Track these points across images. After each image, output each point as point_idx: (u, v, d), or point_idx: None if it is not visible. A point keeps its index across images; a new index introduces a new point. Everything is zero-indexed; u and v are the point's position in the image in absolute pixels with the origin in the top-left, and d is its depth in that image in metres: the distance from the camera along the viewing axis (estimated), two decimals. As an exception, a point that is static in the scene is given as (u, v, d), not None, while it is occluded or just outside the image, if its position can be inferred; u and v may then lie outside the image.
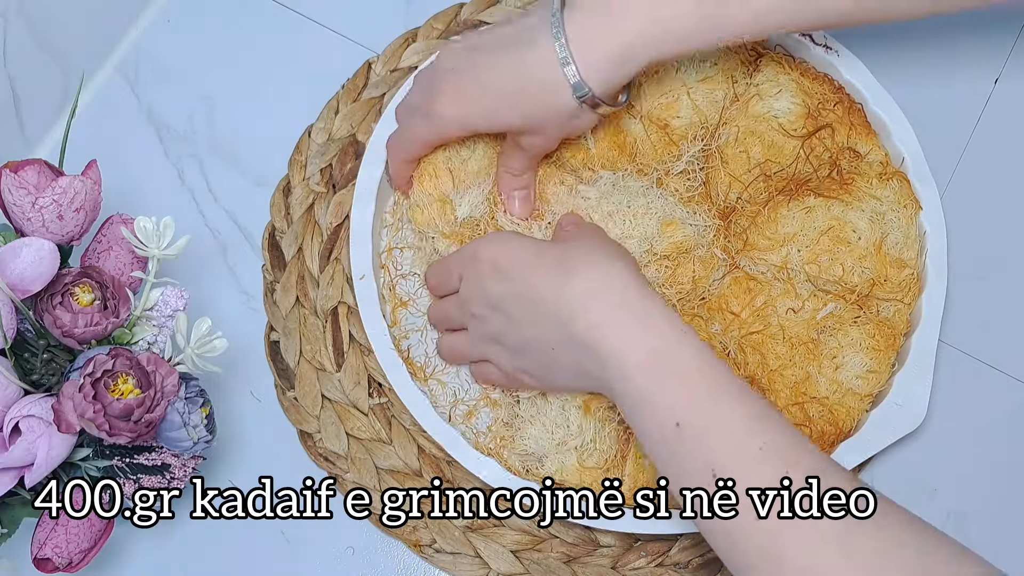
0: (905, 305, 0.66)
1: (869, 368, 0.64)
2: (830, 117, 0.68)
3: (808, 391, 0.64)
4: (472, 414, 0.67)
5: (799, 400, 0.64)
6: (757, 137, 0.67)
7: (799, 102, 0.68)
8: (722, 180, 0.67)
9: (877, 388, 0.65)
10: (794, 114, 0.68)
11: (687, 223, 0.66)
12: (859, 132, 0.68)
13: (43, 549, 0.57)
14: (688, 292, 0.66)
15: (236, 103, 0.75)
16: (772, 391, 0.64)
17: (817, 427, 0.64)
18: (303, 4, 0.76)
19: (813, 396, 0.64)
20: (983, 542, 0.67)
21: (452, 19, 0.76)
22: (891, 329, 0.65)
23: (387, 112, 0.69)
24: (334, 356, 0.70)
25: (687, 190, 0.68)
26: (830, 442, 0.64)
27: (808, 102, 0.68)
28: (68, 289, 0.55)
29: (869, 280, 0.66)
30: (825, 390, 0.64)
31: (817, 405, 0.64)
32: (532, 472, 0.64)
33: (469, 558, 0.67)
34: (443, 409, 0.67)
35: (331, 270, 0.71)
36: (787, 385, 0.64)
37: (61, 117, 0.74)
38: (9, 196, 0.55)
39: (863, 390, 0.65)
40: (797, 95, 0.68)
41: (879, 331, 0.65)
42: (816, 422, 0.64)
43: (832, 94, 0.69)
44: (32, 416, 0.54)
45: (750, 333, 0.65)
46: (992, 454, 0.68)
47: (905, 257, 0.66)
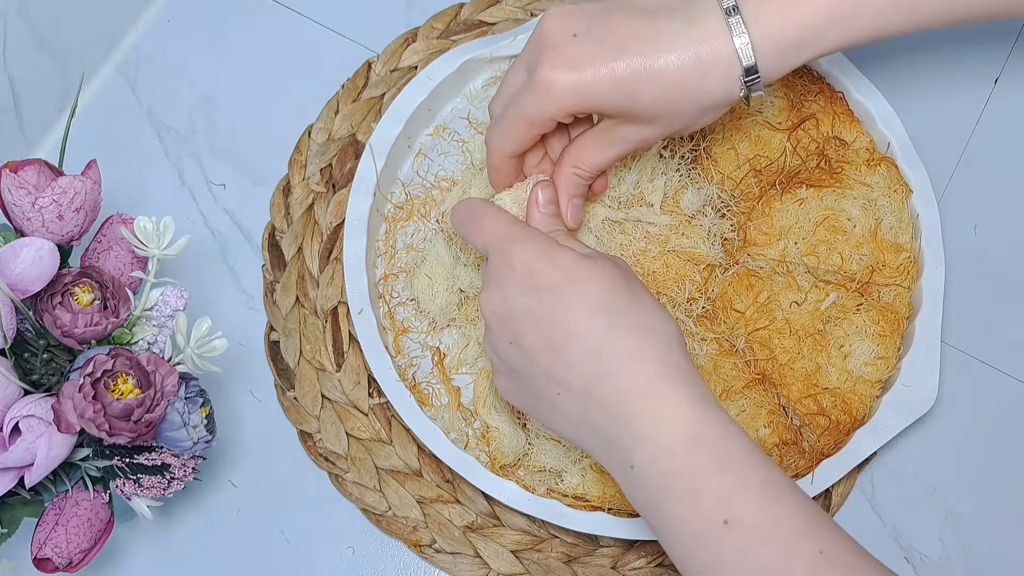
0: (905, 289, 0.66)
1: (877, 355, 0.65)
2: (813, 107, 0.68)
3: (820, 382, 0.64)
4: (486, 434, 0.66)
5: (812, 392, 0.64)
6: (743, 133, 0.67)
7: (781, 95, 0.68)
8: (714, 179, 0.67)
9: (887, 374, 0.65)
10: (777, 107, 0.68)
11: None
12: (843, 120, 0.69)
13: (43, 549, 0.57)
14: (692, 293, 0.66)
15: (236, 103, 0.75)
16: (784, 385, 0.64)
17: (832, 417, 0.64)
18: (303, 4, 0.76)
19: (825, 387, 0.64)
20: (982, 543, 0.67)
21: (452, 19, 0.76)
22: (894, 314, 0.66)
23: (387, 112, 0.69)
24: (334, 356, 0.70)
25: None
26: (845, 431, 0.64)
27: (790, 94, 0.68)
28: (68, 289, 0.55)
29: (868, 266, 0.66)
30: (836, 380, 0.64)
31: (830, 395, 0.64)
32: (554, 490, 0.64)
33: (469, 558, 0.67)
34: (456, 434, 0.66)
35: (331, 270, 0.71)
36: (798, 378, 0.64)
37: (61, 117, 0.74)
38: (9, 196, 0.55)
39: (873, 376, 0.65)
40: (778, 88, 0.68)
41: (883, 317, 0.65)
42: (830, 412, 0.64)
43: (812, 84, 0.69)
44: (32, 416, 0.54)
45: (756, 329, 0.65)
46: (992, 454, 0.68)
47: (901, 241, 0.67)
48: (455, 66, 0.70)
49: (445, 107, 0.72)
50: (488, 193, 0.67)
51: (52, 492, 0.59)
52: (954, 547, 0.67)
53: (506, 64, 0.71)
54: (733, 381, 0.64)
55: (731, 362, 0.64)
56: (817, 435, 0.64)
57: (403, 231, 0.70)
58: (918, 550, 0.67)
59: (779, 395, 0.65)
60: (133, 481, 0.58)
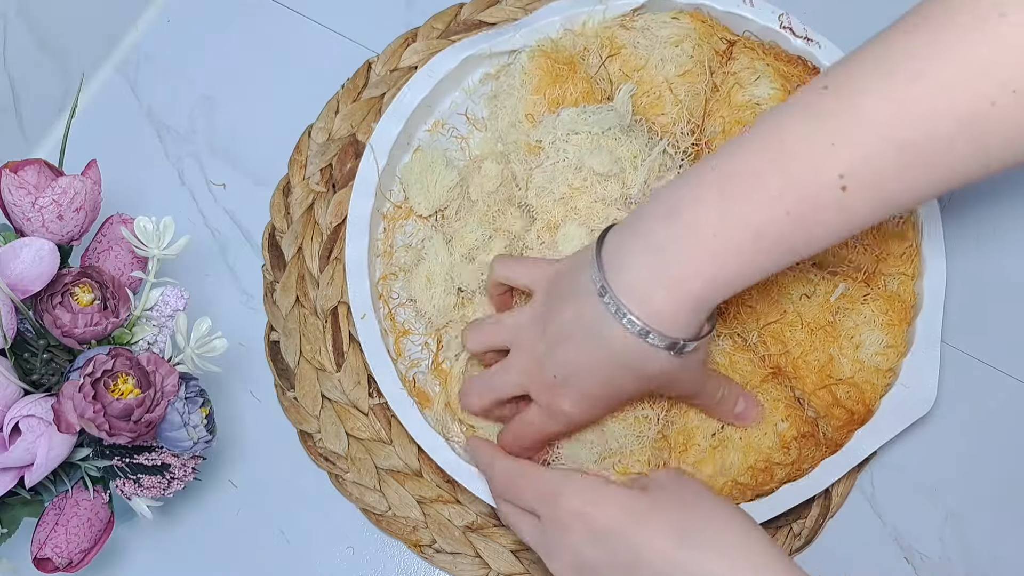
0: (909, 277, 0.66)
1: (887, 343, 0.65)
2: None
3: (833, 373, 0.64)
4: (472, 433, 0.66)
5: (826, 383, 0.64)
6: (743, 126, 0.67)
7: (778, 86, 0.68)
8: None
9: (898, 362, 0.65)
10: (775, 99, 0.68)
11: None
12: None
13: (43, 549, 0.57)
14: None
15: (236, 103, 0.75)
16: (799, 378, 0.64)
17: (847, 408, 0.64)
18: (303, 4, 0.76)
19: (839, 378, 0.64)
20: (982, 543, 0.67)
21: (452, 19, 0.76)
22: (901, 303, 0.66)
23: (388, 109, 0.69)
24: (334, 356, 0.70)
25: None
26: (860, 421, 0.64)
27: (787, 85, 0.68)
28: (68, 289, 0.55)
29: (873, 256, 0.66)
30: (849, 370, 0.64)
31: (844, 386, 0.64)
32: None
33: (469, 558, 0.67)
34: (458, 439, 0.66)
35: (331, 270, 0.71)
36: (812, 371, 0.64)
37: (61, 117, 0.74)
38: (9, 196, 0.55)
39: (884, 365, 0.65)
40: (775, 79, 0.68)
41: (890, 306, 0.65)
42: (845, 403, 0.64)
43: (807, 75, 0.69)
44: (32, 416, 0.54)
45: (768, 324, 0.65)
46: (992, 454, 0.68)
47: (903, 231, 0.67)
48: (456, 62, 0.70)
49: (443, 102, 0.72)
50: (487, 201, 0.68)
51: (52, 492, 0.59)
52: (954, 547, 0.67)
53: (505, 59, 0.71)
54: (750, 376, 0.64)
55: (746, 357, 0.64)
56: (834, 428, 0.64)
57: (402, 230, 0.70)
58: (918, 550, 0.67)
59: (794, 388, 0.65)
60: (133, 481, 0.58)
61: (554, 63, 0.67)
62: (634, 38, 0.69)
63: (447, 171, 0.68)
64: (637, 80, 0.68)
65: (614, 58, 0.69)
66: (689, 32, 0.69)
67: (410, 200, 0.69)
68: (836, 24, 0.69)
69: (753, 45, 0.69)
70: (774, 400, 0.64)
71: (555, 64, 0.67)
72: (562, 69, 0.67)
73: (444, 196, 0.69)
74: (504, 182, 0.68)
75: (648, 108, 0.68)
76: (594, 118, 0.64)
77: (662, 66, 0.68)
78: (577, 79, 0.67)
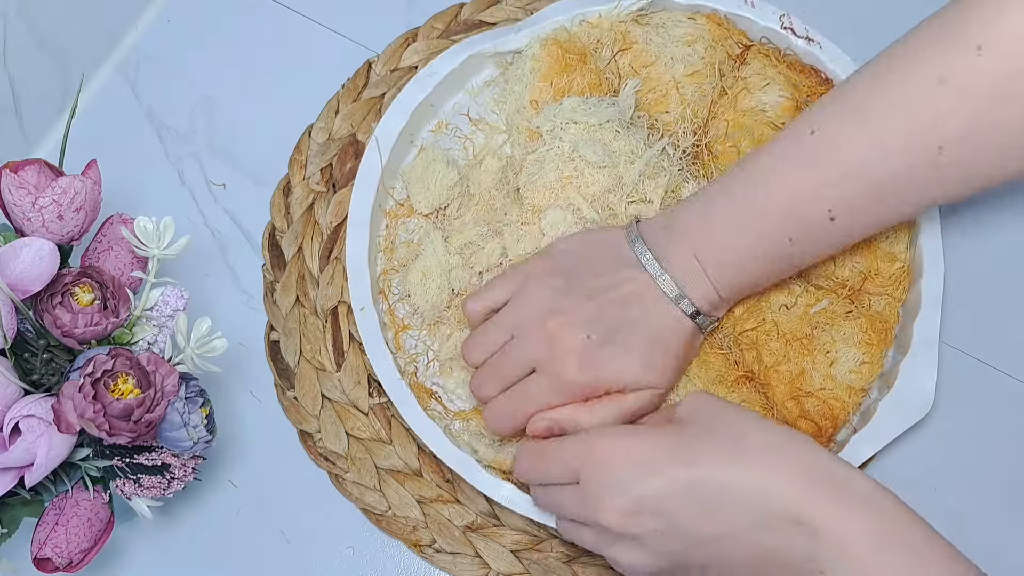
0: (895, 300, 0.66)
1: (863, 361, 0.65)
2: None
3: (803, 386, 0.64)
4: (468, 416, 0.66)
5: (795, 395, 0.64)
6: (746, 131, 0.67)
7: (787, 95, 0.68)
8: (714, 175, 0.67)
9: (871, 381, 0.65)
10: (782, 107, 0.68)
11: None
12: None
13: (43, 549, 0.57)
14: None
15: (236, 103, 0.75)
16: (769, 387, 0.64)
17: (815, 422, 0.64)
18: (303, 4, 0.76)
19: (808, 391, 0.64)
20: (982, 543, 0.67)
21: (452, 19, 0.76)
22: (883, 323, 0.66)
23: (391, 106, 0.69)
24: (334, 356, 0.70)
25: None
26: (827, 436, 0.64)
27: (796, 95, 0.68)
28: (68, 289, 0.55)
29: (860, 274, 0.66)
30: (820, 384, 0.64)
31: (813, 399, 0.64)
32: None
33: (469, 558, 0.67)
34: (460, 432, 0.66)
35: (331, 270, 0.71)
36: (783, 380, 0.64)
37: (61, 117, 0.74)
38: (9, 196, 0.55)
39: (857, 384, 0.65)
40: (785, 88, 0.68)
41: (871, 325, 0.65)
42: (812, 416, 0.64)
43: (819, 87, 0.69)
44: (32, 416, 0.54)
45: (745, 330, 0.65)
46: (992, 455, 0.68)
47: (896, 251, 0.67)
48: (459, 61, 0.70)
49: (447, 103, 0.72)
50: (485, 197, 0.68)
51: (52, 492, 0.59)
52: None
53: (508, 59, 0.71)
54: (724, 375, 0.64)
55: (720, 359, 0.65)
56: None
57: (404, 227, 0.70)
58: (918, 550, 0.67)
59: (765, 395, 0.65)
60: (133, 481, 0.58)
61: (565, 52, 0.67)
62: (647, 34, 0.69)
63: (448, 170, 0.69)
64: (645, 77, 0.68)
65: (625, 52, 0.69)
66: (703, 33, 0.69)
67: (411, 198, 0.69)
68: (836, 24, 0.69)
69: (767, 51, 0.69)
70: (748, 403, 0.64)
71: (566, 54, 0.67)
72: (572, 59, 0.67)
73: (445, 194, 0.69)
74: (503, 178, 0.68)
75: (653, 105, 0.68)
76: (594, 109, 0.64)
77: (672, 64, 0.68)
78: (586, 70, 0.67)
